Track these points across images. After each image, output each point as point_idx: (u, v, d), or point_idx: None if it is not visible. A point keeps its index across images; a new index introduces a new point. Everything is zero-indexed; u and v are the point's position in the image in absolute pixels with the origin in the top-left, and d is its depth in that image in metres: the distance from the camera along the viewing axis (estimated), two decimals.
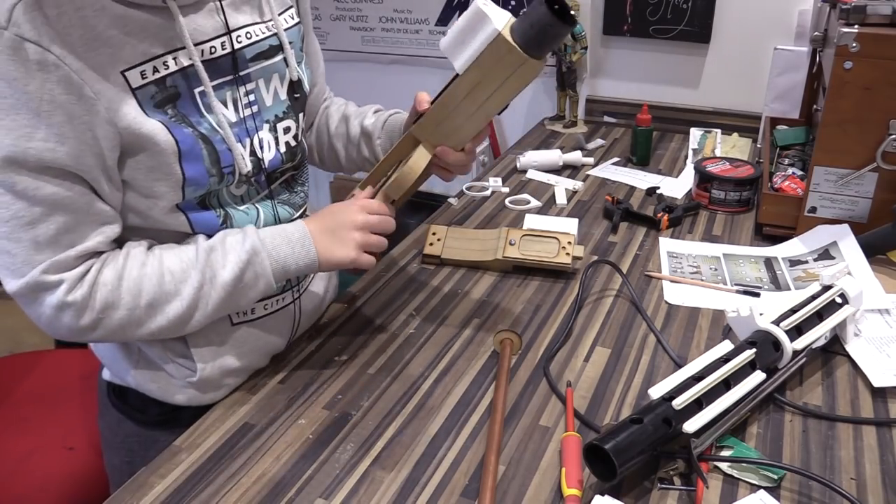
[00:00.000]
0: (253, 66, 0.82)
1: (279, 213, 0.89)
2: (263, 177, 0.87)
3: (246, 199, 0.86)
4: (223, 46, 0.78)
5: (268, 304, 0.90)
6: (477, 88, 0.81)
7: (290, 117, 0.88)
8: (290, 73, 0.87)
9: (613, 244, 1.21)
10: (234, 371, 0.89)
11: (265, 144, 0.85)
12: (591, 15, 1.74)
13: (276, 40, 0.85)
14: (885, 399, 0.84)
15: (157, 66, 0.73)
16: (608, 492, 0.70)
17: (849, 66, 1.03)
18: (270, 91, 0.85)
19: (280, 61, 0.85)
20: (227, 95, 0.80)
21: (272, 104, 0.85)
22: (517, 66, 0.77)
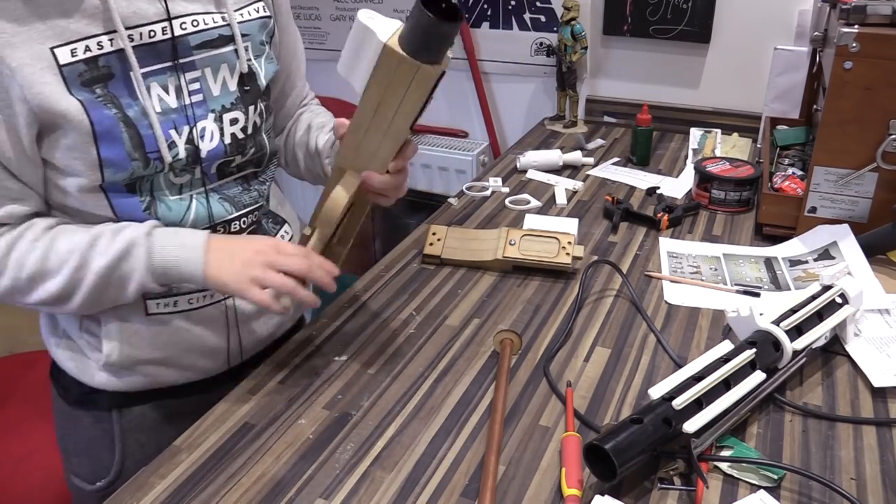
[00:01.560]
0: (198, 54, 0.82)
1: (213, 209, 0.88)
2: (214, 169, 0.87)
3: (185, 190, 0.85)
4: (164, 32, 0.79)
5: (192, 298, 0.89)
6: (381, 105, 0.76)
7: (238, 109, 0.87)
8: (241, 65, 0.86)
9: (613, 244, 1.21)
10: (152, 361, 0.89)
11: (207, 134, 0.84)
12: (591, 15, 1.74)
13: (229, 31, 0.84)
14: (885, 399, 0.84)
15: (90, 46, 0.74)
16: (608, 492, 0.70)
17: (849, 66, 1.03)
18: (218, 81, 0.85)
19: (230, 52, 0.85)
20: (169, 81, 0.80)
21: (220, 94, 0.85)
22: (412, 73, 0.73)
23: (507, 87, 1.96)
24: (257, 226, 0.95)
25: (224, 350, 0.95)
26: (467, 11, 1.91)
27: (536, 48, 1.86)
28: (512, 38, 1.88)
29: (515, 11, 1.85)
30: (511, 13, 1.86)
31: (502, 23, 1.88)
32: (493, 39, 1.91)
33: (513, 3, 1.84)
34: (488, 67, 1.95)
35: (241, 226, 0.92)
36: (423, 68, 0.73)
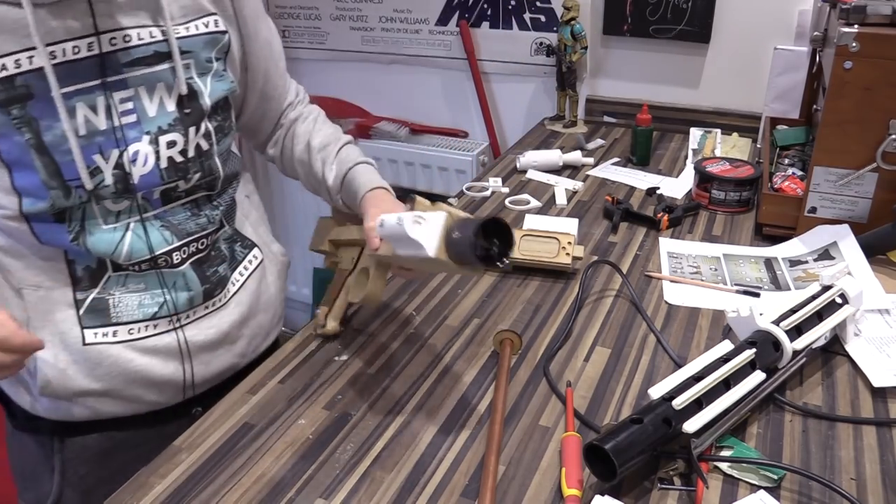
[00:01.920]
0: (129, 71, 0.76)
1: (151, 239, 0.83)
2: (157, 194, 0.82)
3: (121, 217, 0.80)
4: (90, 48, 0.73)
5: (133, 328, 0.84)
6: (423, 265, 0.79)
7: (176, 131, 0.81)
8: (179, 85, 0.80)
9: (613, 244, 1.21)
10: (92, 393, 0.85)
11: (140, 158, 0.79)
12: (591, 15, 1.74)
13: (166, 47, 0.78)
14: (885, 399, 0.84)
15: (6, 64, 0.69)
16: (608, 492, 0.70)
17: (849, 66, 1.03)
18: (154, 101, 0.79)
19: (166, 70, 0.79)
20: (98, 101, 0.75)
21: (156, 115, 0.79)
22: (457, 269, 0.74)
23: (507, 87, 1.96)
24: (210, 252, 0.90)
25: (175, 383, 0.89)
26: (467, 11, 1.91)
27: (536, 48, 1.86)
28: (512, 38, 1.88)
29: (515, 11, 1.85)
30: (511, 13, 1.86)
31: (502, 23, 1.88)
32: (493, 39, 1.91)
33: (513, 3, 1.85)
34: (488, 67, 1.95)
35: (184, 256, 0.86)
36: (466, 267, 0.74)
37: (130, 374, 0.86)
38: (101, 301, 0.83)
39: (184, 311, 0.88)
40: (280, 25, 2.18)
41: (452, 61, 1.98)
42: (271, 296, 1.01)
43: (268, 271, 1.00)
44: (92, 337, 0.83)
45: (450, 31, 1.95)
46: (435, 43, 1.99)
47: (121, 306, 0.84)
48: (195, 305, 0.88)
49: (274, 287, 1.01)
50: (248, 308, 0.96)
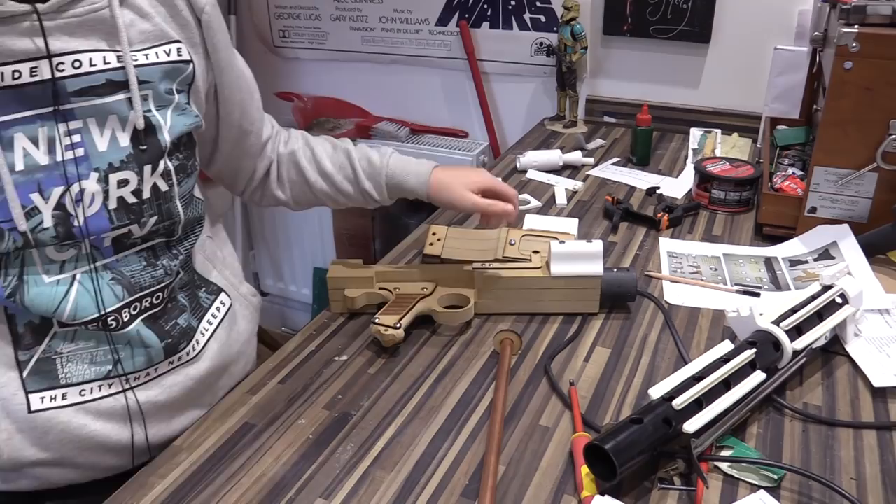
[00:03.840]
0: (78, 101, 0.68)
1: (102, 293, 0.74)
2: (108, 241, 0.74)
3: (67, 268, 0.72)
4: (33, 73, 0.66)
5: (84, 389, 0.76)
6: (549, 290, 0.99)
7: (129, 168, 0.72)
8: (136, 119, 0.72)
9: (613, 244, 1.21)
10: (41, 463, 0.77)
11: (86, 197, 0.70)
12: (591, 15, 1.73)
13: (121, 75, 0.70)
14: (885, 399, 0.84)
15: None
16: (608, 492, 0.70)
17: (849, 66, 1.03)
18: (106, 135, 0.71)
19: (121, 101, 0.71)
20: (42, 132, 0.67)
21: (107, 150, 0.71)
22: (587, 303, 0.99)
23: (507, 87, 1.96)
24: (166, 304, 0.81)
25: (127, 447, 0.81)
26: (467, 11, 1.91)
27: (536, 48, 1.86)
28: (512, 38, 1.88)
29: (515, 11, 1.85)
30: (511, 13, 1.86)
31: (502, 23, 1.88)
32: (493, 39, 1.91)
33: (513, 3, 1.84)
34: (488, 67, 1.95)
35: (134, 313, 0.77)
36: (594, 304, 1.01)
37: (84, 441, 0.77)
38: (46, 362, 0.74)
39: (143, 370, 0.80)
40: (280, 25, 2.18)
41: (452, 61, 1.98)
42: (243, 343, 0.94)
43: (238, 316, 0.94)
44: (38, 402, 0.74)
45: (450, 32, 1.95)
46: (435, 43, 1.99)
47: (70, 366, 0.75)
48: (156, 363, 0.81)
49: (246, 333, 0.95)
50: (220, 360, 0.89)
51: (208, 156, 0.94)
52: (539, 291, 0.99)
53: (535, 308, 1.01)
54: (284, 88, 2.24)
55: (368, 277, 1.00)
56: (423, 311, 0.97)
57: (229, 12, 2.19)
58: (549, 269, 0.98)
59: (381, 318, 0.94)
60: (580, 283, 0.98)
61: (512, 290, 0.99)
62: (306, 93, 2.19)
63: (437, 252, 1.15)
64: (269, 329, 2.59)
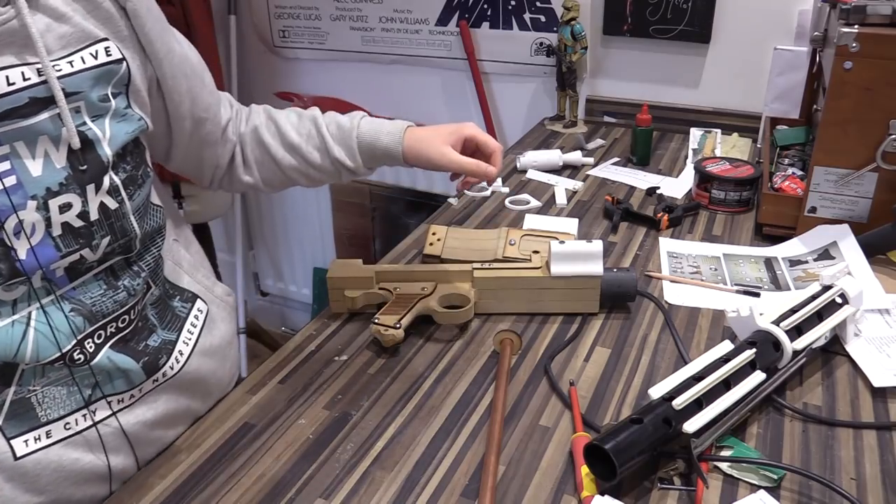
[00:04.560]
0: (2, 125, 0.61)
1: (60, 330, 0.67)
2: (60, 271, 0.67)
3: (19, 307, 0.66)
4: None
5: (67, 422, 0.71)
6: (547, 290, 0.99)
7: (70, 191, 0.65)
8: (70, 137, 0.64)
9: (613, 244, 1.21)
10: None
11: (26, 228, 0.63)
12: (591, 15, 1.73)
13: (45, 91, 0.63)
14: (885, 399, 0.84)
15: None
16: (608, 492, 0.70)
17: (849, 66, 1.03)
18: (38, 158, 0.64)
19: (49, 118, 0.64)
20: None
21: (42, 174, 0.64)
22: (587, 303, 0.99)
23: (507, 87, 1.96)
24: (136, 324, 0.76)
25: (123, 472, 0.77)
26: (467, 11, 1.91)
27: (536, 48, 1.86)
28: (512, 38, 1.88)
29: (515, 11, 1.85)
30: (511, 13, 1.86)
31: (502, 23, 1.88)
32: (493, 39, 1.91)
33: (513, 3, 1.84)
34: (488, 67, 1.95)
35: (97, 341, 0.71)
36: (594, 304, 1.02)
37: (79, 475, 0.73)
38: (21, 403, 0.68)
39: (126, 391, 0.75)
40: (280, 25, 2.18)
41: (452, 61, 1.98)
42: (226, 346, 0.90)
43: (217, 319, 0.89)
44: (23, 447, 0.68)
45: (450, 32, 1.95)
46: (435, 43, 1.99)
47: (47, 402, 0.69)
48: (137, 384, 0.76)
49: (227, 335, 0.91)
50: (206, 368, 0.85)
51: (165, 152, 0.86)
52: (539, 291, 0.99)
53: (535, 308, 1.01)
54: (284, 88, 2.24)
55: (368, 277, 1.00)
56: (423, 311, 0.97)
57: (229, 12, 2.19)
58: (549, 269, 0.98)
59: (381, 318, 0.94)
60: (580, 283, 0.98)
61: (512, 290, 1.00)
62: (306, 93, 2.20)
63: (437, 252, 1.15)
64: (269, 329, 2.59)
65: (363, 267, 1.02)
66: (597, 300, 0.99)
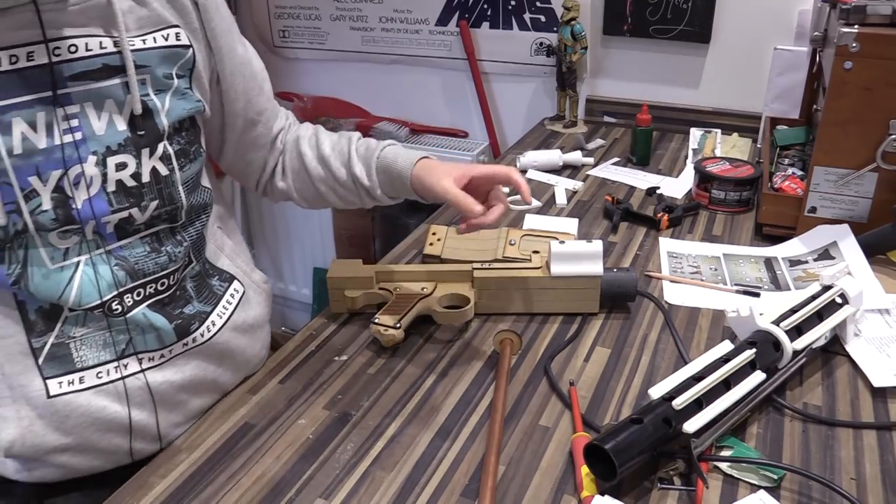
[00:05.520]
0: (75, 85, 0.69)
1: (104, 280, 0.74)
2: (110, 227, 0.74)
3: (70, 255, 0.72)
4: (30, 57, 0.66)
5: (100, 372, 0.76)
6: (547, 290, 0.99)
7: (127, 152, 0.73)
8: (133, 103, 0.73)
9: (613, 244, 1.21)
10: (62, 449, 0.77)
11: (84, 180, 0.71)
12: (591, 15, 1.73)
13: (117, 60, 0.71)
14: (885, 399, 0.84)
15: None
16: (608, 492, 0.70)
17: (849, 66, 1.03)
18: (103, 118, 0.72)
19: (117, 85, 0.72)
20: (40, 116, 0.68)
21: (104, 133, 0.72)
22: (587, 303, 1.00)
23: (507, 87, 1.96)
24: (175, 291, 0.81)
25: (144, 429, 0.81)
26: (467, 11, 1.91)
27: (536, 48, 1.86)
28: (512, 38, 1.88)
29: (515, 11, 1.85)
30: (511, 13, 1.86)
31: (502, 23, 1.88)
32: (493, 39, 1.91)
33: (513, 3, 1.84)
34: (488, 67, 1.95)
35: (136, 298, 0.77)
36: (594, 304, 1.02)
37: (104, 423, 0.78)
38: (61, 346, 0.75)
39: (156, 350, 0.80)
40: (280, 25, 2.18)
41: (452, 61, 1.98)
42: (257, 326, 0.94)
43: (252, 301, 0.93)
44: (56, 387, 0.75)
45: (450, 32, 1.95)
46: (435, 43, 1.99)
47: (84, 350, 0.75)
48: (168, 344, 0.80)
49: (261, 317, 0.95)
50: (236, 344, 0.89)
51: (218, 147, 0.93)
52: (539, 291, 0.99)
53: (535, 308, 1.01)
54: (284, 88, 2.24)
55: (368, 277, 1.00)
56: (423, 311, 0.97)
57: None
58: (549, 269, 0.98)
59: (380, 318, 0.94)
60: (580, 283, 0.98)
61: (512, 290, 1.00)
62: (306, 93, 2.20)
63: (437, 252, 1.15)
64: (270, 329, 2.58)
65: (363, 267, 1.02)
66: (597, 300, 0.99)
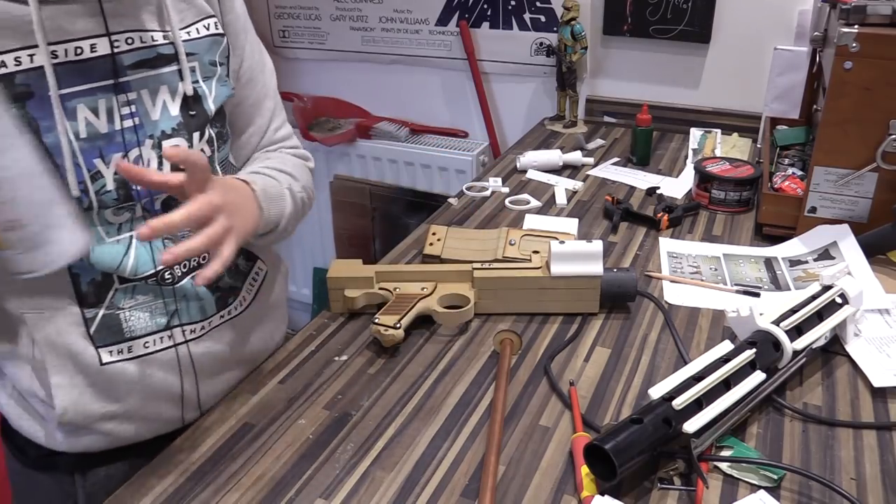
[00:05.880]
0: (133, 74, 0.75)
1: (154, 248, 0.80)
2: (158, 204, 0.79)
3: (123, 229, 0.77)
4: (93, 49, 0.72)
5: (147, 342, 0.81)
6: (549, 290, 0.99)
7: (180, 135, 0.79)
8: (185, 87, 0.78)
9: (613, 244, 1.21)
10: (109, 416, 0.82)
11: (143, 163, 0.77)
12: (591, 15, 1.73)
13: (171, 49, 0.77)
14: (885, 399, 0.84)
15: (5, 61, 0.67)
16: (608, 492, 0.70)
17: (849, 66, 1.03)
18: (158, 104, 0.77)
19: (171, 72, 0.78)
20: (101, 103, 0.73)
21: (159, 118, 0.77)
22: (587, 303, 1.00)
23: (507, 87, 1.96)
24: None
25: (185, 398, 0.86)
26: (467, 11, 1.91)
27: (536, 48, 1.86)
28: (512, 38, 1.88)
29: (515, 11, 1.85)
30: (511, 13, 1.86)
31: (502, 23, 1.88)
32: (493, 39, 1.91)
33: (513, 3, 1.84)
34: (488, 67, 1.95)
35: (184, 269, 0.83)
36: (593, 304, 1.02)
37: (149, 391, 0.83)
38: (111, 317, 0.79)
39: (198, 322, 0.85)
40: (280, 25, 2.18)
41: (452, 61, 1.98)
42: (279, 303, 1.00)
43: (273, 281, 0.98)
44: (108, 356, 0.80)
45: (450, 32, 1.95)
46: (435, 43, 1.99)
47: (133, 320, 0.80)
48: (209, 315, 0.86)
49: (280, 296, 1.01)
50: (261, 318, 0.94)
51: None
52: (539, 291, 0.99)
53: (535, 308, 1.01)
54: (284, 88, 2.24)
55: (368, 277, 1.00)
56: (423, 311, 0.97)
57: None
58: (549, 269, 0.98)
59: (381, 318, 0.94)
60: (580, 283, 0.98)
61: (512, 290, 1.00)
62: (306, 93, 2.20)
63: (437, 252, 1.15)
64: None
65: (363, 267, 1.02)
66: (597, 300, 0.99)
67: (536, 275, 0.99)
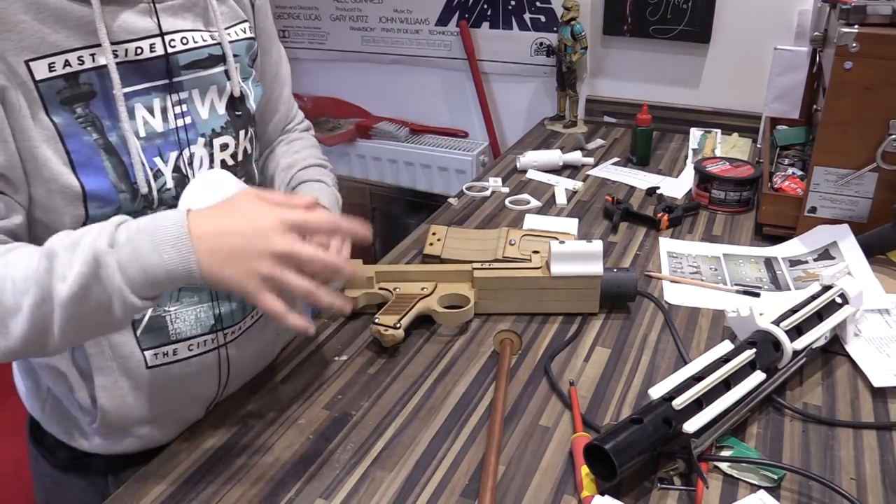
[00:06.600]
0: (186, 74, 0.76)
1: None
2: None
3: None
4: (152, 49, 0.73)
5: (191, 344, 0.81)
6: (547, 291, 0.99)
7: (228, 134, 0.81)
8: (232, 87, 0.80)
9: (613, 244, 1.21)
10: (147, 420, 0.81)
11: (197, 160, 0.78)
12: (591, 15, 1.73)
13: (219, 50, 0.79)
14: (885, 399, 0.84)
15: (69, 60, 0.68)
16: (608, 492, 0.70)
17: (849, 66, 1.03)
18: (206, 104, 0.79)
19: (219, 73, 0.80)
20: (156, 103, 0.74)
21: (209, 117, 0.79)
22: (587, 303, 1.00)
23: (507, 87, 1.96)
24: None
25: (211, 398, 0.86)
26: (467, 11, 1.91)
27: (536, 48, 1.86)
28: (512, 38, 1.88)
29: (515, 11, 1.85)
30: (511, 13, 1.86)
31: (502, 23, 1.88)
32: (493, 39, 1.91)
33: (513, 3, 1.84)
34: (488, 67, 1.95)
35: None
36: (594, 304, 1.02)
37: (185, 394, 0.83)
38: (158, 319, 0.78)
39: (237, 323, 0.85)
40: (280, 25, 2.18)
41: (452, 61, 1.98)
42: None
43: None
44: (153, 359, 0.79)
45: (450, 32, 1.95)
46: (435, 43, 1.99)
47: (178, 322, 0.80)
48: (248, 313, 0.86)
49: None
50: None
51: None
52: (539, 291, 0.99)
53: (535, 308, 1.01)
54: None
55: (368, 277, 1.00)
56: (423, 311, 0.97)
57: None
58: (549, 269, 0.98)
59: (381, 318, 0.94)
60: (580, 283, 0.98)
61: (512, 290, 1.00)
62: (306, 93, 2.19)
63: (437, 252, 1.15)
64: None
65: (363, 267, 1.02)
66: (597, 300, 0.99)
67: (536, 275, 0.99)
